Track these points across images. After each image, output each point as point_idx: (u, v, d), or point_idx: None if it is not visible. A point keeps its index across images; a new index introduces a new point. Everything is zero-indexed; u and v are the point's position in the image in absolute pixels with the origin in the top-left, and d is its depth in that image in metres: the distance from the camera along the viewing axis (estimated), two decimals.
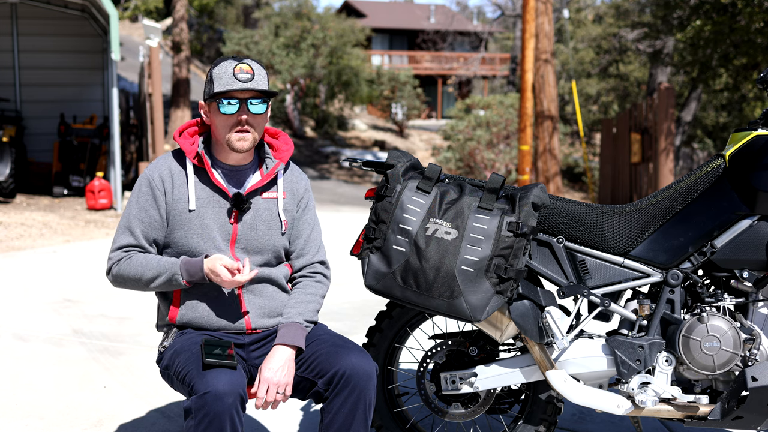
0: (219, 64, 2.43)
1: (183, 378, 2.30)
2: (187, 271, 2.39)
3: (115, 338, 4.77)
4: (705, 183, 2.72)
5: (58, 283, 6.31)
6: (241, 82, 2.39)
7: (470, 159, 18.03)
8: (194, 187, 2.47)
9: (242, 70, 2.40)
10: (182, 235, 2.46)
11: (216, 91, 2.40)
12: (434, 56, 37.93)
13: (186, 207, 2.46)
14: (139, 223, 2.47)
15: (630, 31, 20.24)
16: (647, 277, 2.74)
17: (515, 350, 2.92)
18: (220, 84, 2.40)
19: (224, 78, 2.40)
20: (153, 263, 2.42)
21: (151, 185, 2.48)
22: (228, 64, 2.42)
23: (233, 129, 2.42)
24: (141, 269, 2.42)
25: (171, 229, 2.48)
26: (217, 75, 2.42)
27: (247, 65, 2.42)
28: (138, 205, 2.48)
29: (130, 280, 2.45)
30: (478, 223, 2.48)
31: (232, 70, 2.40)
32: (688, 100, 19.43)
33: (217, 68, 2.43)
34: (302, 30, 24.97)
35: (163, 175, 2.48)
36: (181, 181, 2.48)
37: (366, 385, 2.35)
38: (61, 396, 3.75)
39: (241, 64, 2.41)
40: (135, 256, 2.45)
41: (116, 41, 10.50)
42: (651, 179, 12.80)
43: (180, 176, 2.49)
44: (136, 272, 2.43)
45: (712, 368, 2.64)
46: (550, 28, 15.72)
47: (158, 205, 2.47)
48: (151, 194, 2.47)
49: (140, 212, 2.47)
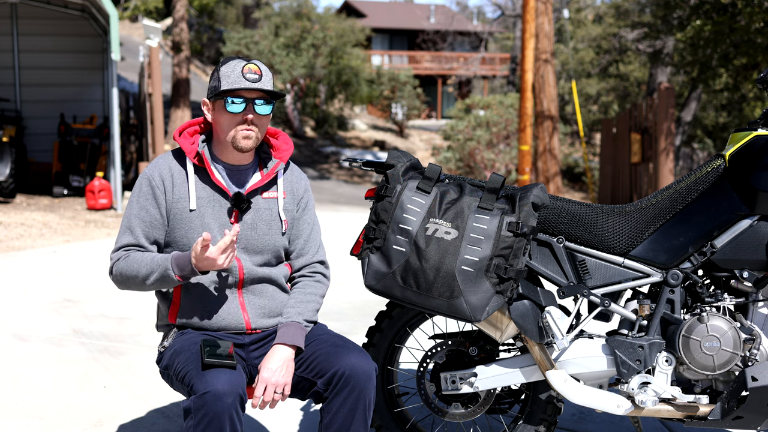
0: (227, 63, 2.44)
1: (182, 378, 2.30)
2: (178, 266, 2.37)
3: (115, 338, 4.77)
4: (705, 183, 2.72)
5: (58, 283, 6.31)
6: (249, 81, 2.40)
7: (470, 159, 18.03)
8: (194, 187, 2.47)
9: (251, 70, 2.41)
10: (183, 234, 2.46)
11: (223, 88, 2.41)
12: (434, 56, 37.93)
13: (186, 206, 2.46)
14: (140, 222, 2.47)
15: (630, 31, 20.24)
16: (647, 277, 2.74)
17: (515, 350, 2.92)
18: (227, 82, 2.41)
19: (232, 76, 2.41)
20: (147, 260, 2.41)
21: (151, 184, 2.47)
22: (237, 63, 2.43)
23: (238, 127, 2.43)
24: (136, 266, 2.41)
25: (171, 228, 2.47)
26: (225, 73, 2.42)
27: (256, 66, 2.43)
28: (138, 204, 2.48)
29: (128, 278, 2.44)
30: (478, 223, 2.48)
31: (241, 69, 2.41)
32: (688, 100, 19.43)
33: (225, 66, 2.43)
34: (302, 30, 24.97)
35: (163, 174, 2.48)
36: (181, 180, 2.48)
37: (365, 385, 2.35)
38: (61, 396, 3.75)
39: (249, 65, 2.42)
40: (132, 254, 2.44)
41: (116, 41, 10.50)
42: (651, 179, 12.80)
43: (180, 175, 2.49)
44: (132, 270, 2.42)
45: (712, 368, 2.64)
46: (550, 28, 15.72)
47: (158, 204, 2.47)
48: (152, 193, 2.47)
49: (141, 211, 2.47)
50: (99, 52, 13.44)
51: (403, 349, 3.09)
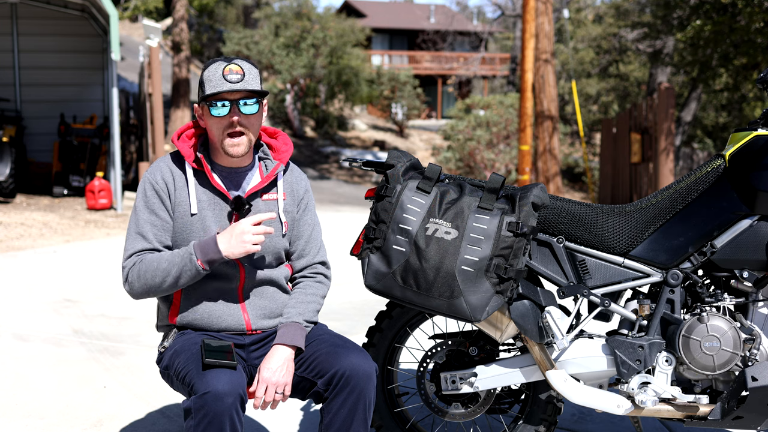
0: (209, 66, 2.41)
1: (183, 378, 2.30)
2: (202, 250, 2.34)
3: (115, 338, 4.77)
4: (705, 183, 2.72)
5: (58, 283, 6.31)
6: (230, 83, 2.37)
7: (470, 159, 18.03)
8: (195, 190, 2.46)
9: (231, 71, 2.37)
10: (184, 238, 2.45)
11: (206, 93, 2.38)
12: (434, 56, 37.93)
13: (188, 210, 2.45)
14: (151, 227, 2.44)
15: (630, 31, 20.24)
16: (647, 277, 2.74)
17: (515, 350, 2.92)
18: (210, 86, 2.38)
19: (214, 80, 2.38)
20: (167, 255, 2.37)
21: (155, 188, 2.45)
22: (217, 65, 2.40)
23: (226, 132, 2.40)
24: (156, 263, 2.37)
25: (174, 232, 2.46)
26: (207, 77, 2.40)
27: (237, 65, 2.39)
28: (147, 208, 2.45)
29: (145, 279, 2.38)
30: (478, 223, 2.47)
31: (222, 71, 2.37)
32: (688, 100, 19.43)
33: (207, 70, 2.41)
34: (302, 30, 24.97)
35: (165, 178, 2.47)
36: (181, 184, 2.47)
37: (366, 386, 2.35)
38: (61, 396, 3.75)
39: (230, 65, 2.38)
40: (147, 256, 2.40)
41: (116, 41, 10.50)
42: (651, 179, 12.80)
43: (180, 179, 2.48)
44: (150, 268, 2.37)
45: (712, 368, 2.64)
46: (550, 28, 15.72)
47: (166, 207, 2.45)
48: (157, 197, 2.45)
49: (150, 216, 2.44)
50: (99, 52, 13.44)
51: (403, 349, 3.09)
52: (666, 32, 16.02)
